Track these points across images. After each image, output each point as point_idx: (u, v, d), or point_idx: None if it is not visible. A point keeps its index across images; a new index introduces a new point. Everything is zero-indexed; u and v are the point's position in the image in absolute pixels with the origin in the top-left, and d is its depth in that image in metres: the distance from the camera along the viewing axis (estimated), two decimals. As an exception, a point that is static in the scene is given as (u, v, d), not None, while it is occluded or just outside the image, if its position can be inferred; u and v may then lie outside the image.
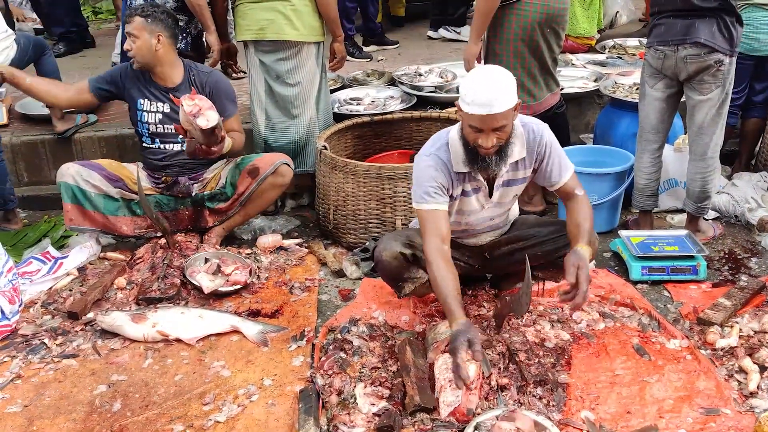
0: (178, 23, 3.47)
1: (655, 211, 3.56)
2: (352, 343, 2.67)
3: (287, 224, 3.82)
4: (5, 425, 2.38)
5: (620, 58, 5.17)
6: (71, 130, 4.21)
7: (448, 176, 2.51)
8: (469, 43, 3.50)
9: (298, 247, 3.53)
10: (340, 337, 2.73)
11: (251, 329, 2.83)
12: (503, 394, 2.34)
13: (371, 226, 3.39)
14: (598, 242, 2.68)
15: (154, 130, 3.43)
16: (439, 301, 2.43)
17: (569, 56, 5.08)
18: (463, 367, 2.22)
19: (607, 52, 5.34)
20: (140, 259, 3.36)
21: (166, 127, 3.39)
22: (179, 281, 3.14)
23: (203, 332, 2.82)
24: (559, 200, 3.58)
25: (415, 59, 5.30)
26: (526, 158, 2.57)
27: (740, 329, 2.68)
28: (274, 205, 3.90)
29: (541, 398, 2.34)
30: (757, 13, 3.65)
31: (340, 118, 4.07)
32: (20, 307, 3.01)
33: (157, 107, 3.39)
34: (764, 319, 2.71)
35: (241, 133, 3.50)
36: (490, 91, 2.27)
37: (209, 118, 3.05)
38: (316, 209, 3.76)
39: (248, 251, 3.46)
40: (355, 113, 4.14)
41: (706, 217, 3.51)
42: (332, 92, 4.33)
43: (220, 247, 3.47)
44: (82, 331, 2.90)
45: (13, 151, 4.21)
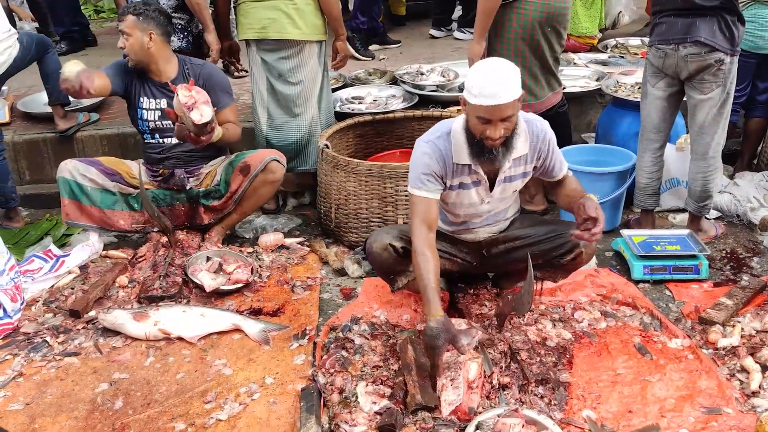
0: (171, 20, 3.47)
1: (656, 210, 3.55)
2: (353, 341, 2.67)
3: (289, 223, 3.82)
4: (7, 423, 2.38)
5: (622, 57, 5.16)
6: (73, 128, 4.21)
7: (443, 165, 2.53)
8: (473, 42, 3.51)
9: (299, 245, 3.53)
10: (341, 335, 2.73)
11: (253, 328, 2.83)
12: (505, 393, 2.35)
13: (373, 225, 3.39)
14: (596, 244, 2.72)
15: (153, 126, 3.44)
16: (419, 288, 2.46)
17: (571, 55, 5.07)
18: (441, 368, 2.27)
19: (609, 51, 5.34)
20: (142, 257, 3.37)
21: (164, 122, 3.40)
22: (181, 280, 3.15)
23: (205, 331, 2.82)
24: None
25: (416, 58, 5.31)
26: (528, 154, 2.58)
27: (742, 329, 2.67)
28: (275, 203, 3.91)
29: (542, 397, 2.34)
30: (762, 10, 3.65)
31: (341, 116, 4.07)
32: (22, 305, 3.02)
33: (156, 104, 3.40)
34: (766, 318, 2.71)
35: (236, 124, 3.48)
36: (496, 82, 2.29)
37: (203, 113, 3.06)
38: (317, 208, 3.76)
39: (250, 250, 3.46)
40: (356, 112, 4.13)
41: (707, 216, 3.51)
42: (334, 91, 4.33)
43: (221, 245, 3.48)
44: (83, 329, 2.91)
45: (15, 149, 4.22)
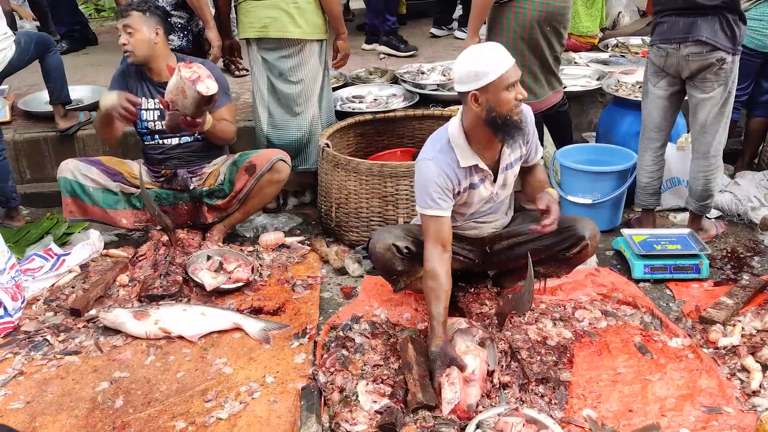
0: (168, 18, 3.47)
1: (657, 209, 3.55)
2: (354, 340, 2.67)
3: (289, 222, 3.82)
4: (8, 422, 2.38)
5: (623, 56, 5.16)
6: (74, 127, 4.21)
7: (453, 177, 2.51)
8: (466, 39, 3.51)
9: (300, 244, 3.53)
10: (342, 334, 2.73)
11: (253, 327, 2.83)
12: (505, 392, 2.35)
13: (373, 224, 3.39)
14: (599, 237, 2.74)
15: (152, 127, 3.43)
16: (428, 310, 2.51)
17: (572, 54, 5.07)
18: (440, 384, 2.32)
19: (609, 50, 5.33)
20: (142, 256, 3.37)
21: (164, 123, 3.39)
22: (181, 278, 3.15)
23: (205, 329, 2.82)
24: (561, 199, 3.60)
25: (417, 57, 5.30)
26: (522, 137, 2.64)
27: (742, 328, 2.67)
28: (276, 202, 3.91)
29: (543, 396, 2.34)
30: None
31: (342, 115, 4.07)
32: (23, 303, 3.02)
33: (155, 104, 3.39)
34: (766, 317, 2.71)
35: (231, 123, 3.47)
36: (496, 50, 2.40)
37: (209, 86, 3.04)
38: (318, 207, 3.76)
39: (250, 249, 3.47)
40: (357, 111, 4.13)
41: (708, 215, 3.51)
42: (335, 90, 4.32)
43: (222, 244, 3.48)
44: (84, 327, 2.91)
45: (15, 148, 4.22)
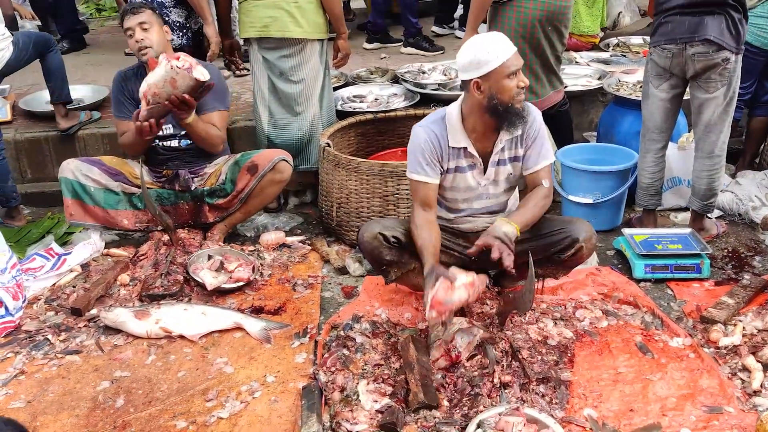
0: (166, 16, 3.48)
1: (658, 209, 3.55)
2: (354, 340, 2.67)
3: (290, 221, 3.82)
4: (9, 421, 2.39)
5: (624, 55, 5.15)
6: (75, 127, 4.21)
7: (439, 150, 2.63)
8: (464, 37, 3.51)
9: (301, 244, 3.53)
10: (342, 334, 2.73)
11: (254, 326, 2.83)
12: (506, 391, 2.35)
13: (374, 223, 3.39)
14: (596, 239, 2.72)
15: None
16: (418, 251, 2.59)
17: (573, 54, 5.06)
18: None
19: (610, 49, 5.33)
20: (143, 255, 3.37)
21: (164, 126, 3.38)
22: (182, 278, 3.15)
23: (206, 329, 2.82)
24: (562, 198, 3.60)
25: (418, 57, 5.30)
26: (519, 136, 2.64)
27: (743, 327, 2.67)
28: (277, 202, 3.90)
29: (543, 396, 2.34)
30: None
31: (343, 115, 4.06)
32: (24, 303, 3.02)
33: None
34: (767, 317, 2.71)
35: (219, 130, 3.41)
36: (498, 39, 2.47)
37: (203, 72, 3.08)
38: (319, 206, 3.76)
39: (251, 248, 3.47)
40: (358, 111, 4.13)
41: (709, 215, 3.51)
42: (335, 89, 4.32)
43: (223, 244, 3.47)
44: (85, 327, 2.91)
45: (16, 147, 4.22)
